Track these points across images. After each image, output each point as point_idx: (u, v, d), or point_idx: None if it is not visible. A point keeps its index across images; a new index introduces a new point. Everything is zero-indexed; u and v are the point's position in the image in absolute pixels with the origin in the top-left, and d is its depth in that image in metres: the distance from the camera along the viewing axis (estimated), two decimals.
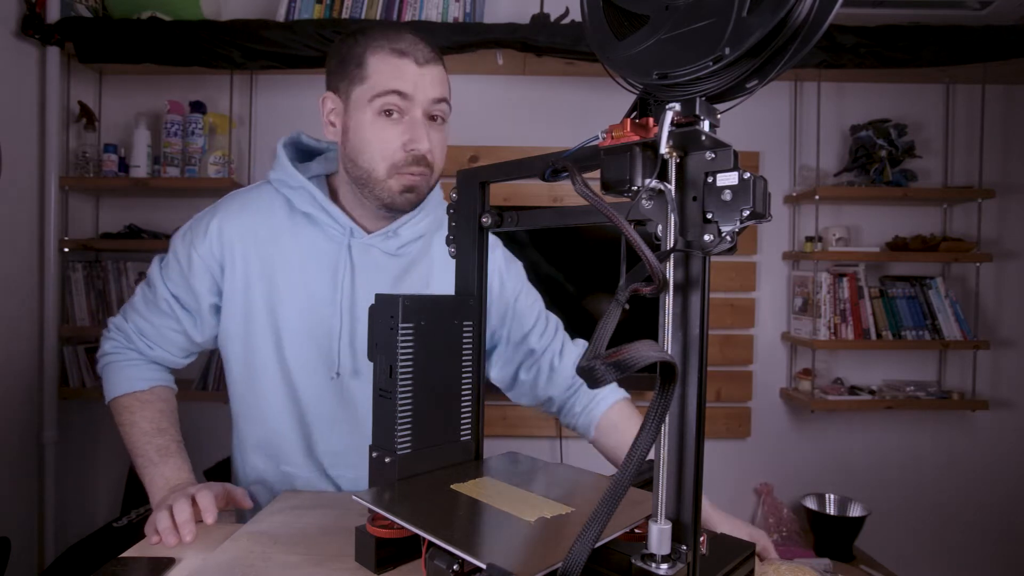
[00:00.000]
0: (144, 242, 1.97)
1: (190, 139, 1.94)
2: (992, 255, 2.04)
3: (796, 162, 2.16)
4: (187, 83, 2.05)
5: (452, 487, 0.64)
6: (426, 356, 0.68)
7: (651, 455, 0.46)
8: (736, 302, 2.14)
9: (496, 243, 1.09)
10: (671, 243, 0.48)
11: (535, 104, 2.13)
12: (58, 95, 1.87)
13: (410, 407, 0.66)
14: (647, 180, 0.48)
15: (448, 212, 0.76)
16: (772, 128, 2.15)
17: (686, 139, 0.48)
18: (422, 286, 0.99)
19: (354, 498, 0.62)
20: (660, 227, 0.49)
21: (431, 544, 0.53)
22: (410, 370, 0.66)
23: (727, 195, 0.46)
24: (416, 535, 0.55)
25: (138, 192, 2.02)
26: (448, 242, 0.77)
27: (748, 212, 0.45)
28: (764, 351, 2.18)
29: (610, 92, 0.64)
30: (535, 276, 1.13)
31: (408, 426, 0.66)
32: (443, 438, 0.71)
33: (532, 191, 2.07)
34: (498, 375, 1.09)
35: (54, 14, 1.82)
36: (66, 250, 1.93)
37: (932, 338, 2.02)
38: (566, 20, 1.86)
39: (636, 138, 0.49)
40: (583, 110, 2.12)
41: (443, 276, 1.00)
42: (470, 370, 0.73)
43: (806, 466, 2.18)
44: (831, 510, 2.01)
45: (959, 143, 2.15)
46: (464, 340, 0.73)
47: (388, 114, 0.89)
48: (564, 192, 2.06)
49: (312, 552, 0.68)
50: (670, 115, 0.48)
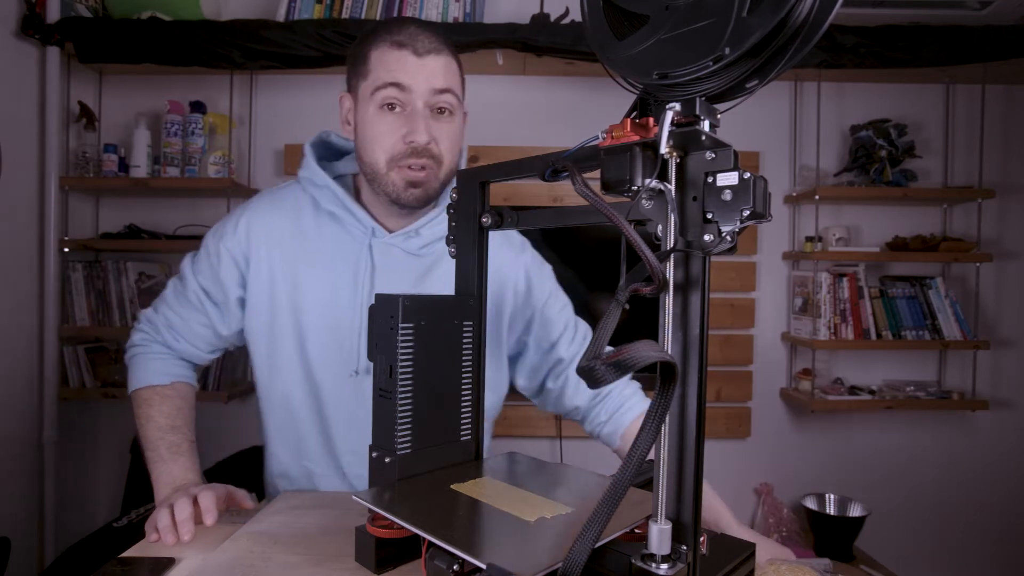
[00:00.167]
0: (144, 242, 1.97)
1: (190, 139, 1.94)
2: (992, 255, 2.04)
3: (796, 162, 2.16)
4: (187, 83, 2.05)
5: (452, 487, 0.64)
6: (426, 356, 0.68)
7: (651, 455, 0.46)
8: (736, 302, 2.14)
9: (525, 244, 1.08)
10: (671, 243, 0.48)
11: (535, 104, 2.13)
12: (58, 95, 1.87)
13: (410, 407, 0.66)
14: (647, 180, 0.48)
15: (448, 212, 0.76)
16: (772, 128, 2.15)
17: (686, 139, 0.48)
18: (443, 287, 0.97)
19: (354, 498, 0.62)
20: (660, 227, 0.49)
21: (431, 544, 0.53)
22: (410, 370, 0.66)
23: (727, 195, 0.46)
24: (416, 535, 0.55)
25: (138, 192, 2.02)
26: (448, 242, 0.77)
27: (748, 212, 0.45)
28: (764, 351, 2.18)
29: (610, 92, 0.64)
30: None
31: (408, 426, 0.66)
32: (443, 438, 0.71)
33: (532, 191, 2.07)
34: (526, 384, 1.07)
35: (54, 14, 1.82)
36: (66, 250, 1.93)
37: (932, 338, 2.02)
38: (566, 20, 1.85)
39: (636, 138, 0.49)
40: (583, 110, 2.12)
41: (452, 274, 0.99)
42: (470, 370, 0.73)
43: (806, 466, 2.18)
44: (831, 510, 2.01)
45: (959, 143, 2.15)
46: (464, 340, 0.73)
47: (391, 108, 0.89)
48: (564, 192, 2.06)
49: (312, 552, 0.68)
50: (670, 115, 0.48)
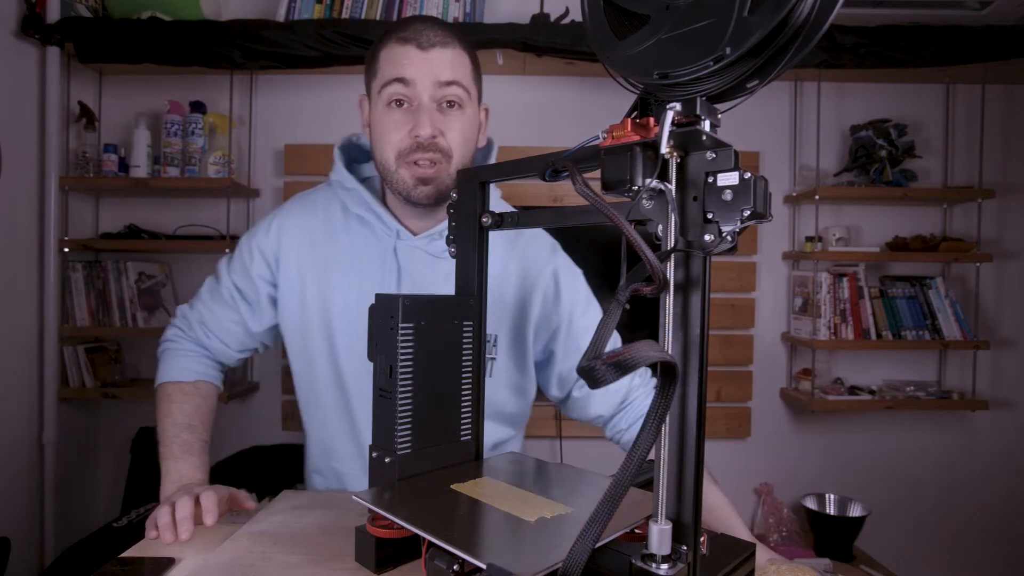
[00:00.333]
0: (144, 242, 1.97)
1: (190, 139, 1.94)
2: (992, 255, 2.04)
3: (796, 162, 2.16)
4: (187, 83, 2.05)
5: (452, 487, 0.64)
6: (426, 356, 0.68)
7: (651, 455, 0.46)
8: (736, 302, 2.14)
9: (556, 247, 1.06)
10: (671, 243, 0.48)
11: (535, 104, 2.13)
12: (58, 95, 1.87)
13: (410, 407, 0.66)
14: (647, 180, 0.48)
15: (448, 212, 0.76)
16: (772, 128, 2.15)
17: (687, 139, 0.48)
18: None
19: (354, 498, 0.62)
20: (660, 227, 0.49)
21: (431, 544, 0.53)
22: (410, 370, 0.66)
23: (728, 195, 0.46)
24: (416, 535, 0.55)
25: (138, 192, 2.02)
26: (448, 242, 0.77)
27: (749, 212, 0.45)
28: (764, 351, 2.17)
29: (610, 92, 0.64)
30: None
31: (408, 426, 0.66)
32: (443, 438, 0.71)
33: (532, 191, 2.07)
34: (557, 393, 1.07)
35: (54, 14, 1.82)
36: (66, 250, 1.92)
37: (932, 338, 2.02)
38: (566, 20, 1.85)
39: (637, 138, 0.49)
40: (583, 110, 2.12)
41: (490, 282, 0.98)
42: (470, 370, 0.73)
43: (806, 466, 2.18)
44: (831, 510, 2.01)
45: (959, 143, 2.15)
46: (464, 340, 0.73)
47: (399, 104, 0.89)
48: (564, 192, 2.06)
49: (312, 552, 0.68)
50: (671, 115, 0.48)
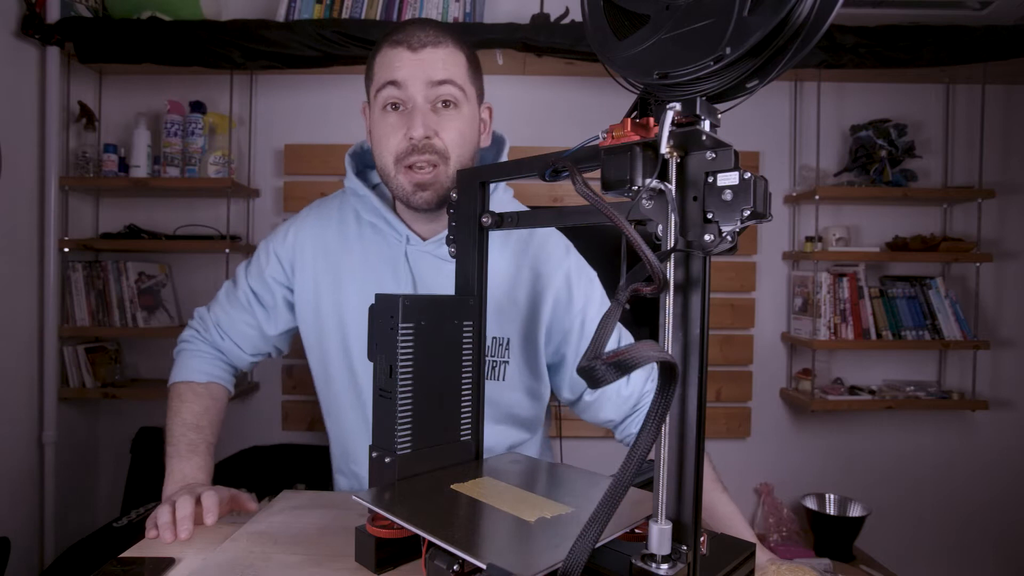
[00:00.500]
0: (144, 242, 1.97)
1: (190, 139, 1.94)
2: (992, 255, 2.03)
3: (796, 162, 2.16)
4: (187, 83, 2.05)
5: (452, 487, 0.64)
6: (426, 356, 0.68)
7: (651, 455, 0.46)
8: (736, 302, 2.14)
9: (570, 248, 1.04)
10: (671, 243, 0.48)
11: (535, 104, 2.13)
12: (58, 95, 1.87)
13: (410, 407, 0.66)
14: (647, 180, 0.48)
15: (448, 212, 0.76)
16: (772, 128, 2.15)
17: (687, 139, 0.48)
18: None
19: (354, 498, 0.62)
20: (660, 227, 0.49)
21: (431, 544, 0.53)
22: (410, 370, 0.66)
23: (728, 195, 0.46)
24: (416, 535, 0.55)
25: (138, 192, 2.02)
26: (448, 242, 0.77)
27: (749, 212, 0.45)
28: (764, 351, 2.17)
29: (610, 92, 0.64)
30: None
31: (408, 426, 0.66)
32: (443, 438, 0.71)
33: (532, 191, 2.07)
34: (569, 396, 1.06)
35: (54, 14, 1.82)
36: (66, 250, 1.92)
37: (932, 338, 2.02)
38: (566, 20, 1.85)
39: (636, 138, 0.49)
40: (583, 110, 2.12)
41: (493, 280, 0.95)
42: (470, 370, 0.73)
43: (806, 466, 2.18)
44: (831, 510, 2.01)
45: (959, 143, 2.15)
46: (464, 340, 0.73)
47: (394, 108, 0.89)
48: (564, 192, 2.06)
49: (312, 552, 0.68)
50: (671, 115, 0.48)
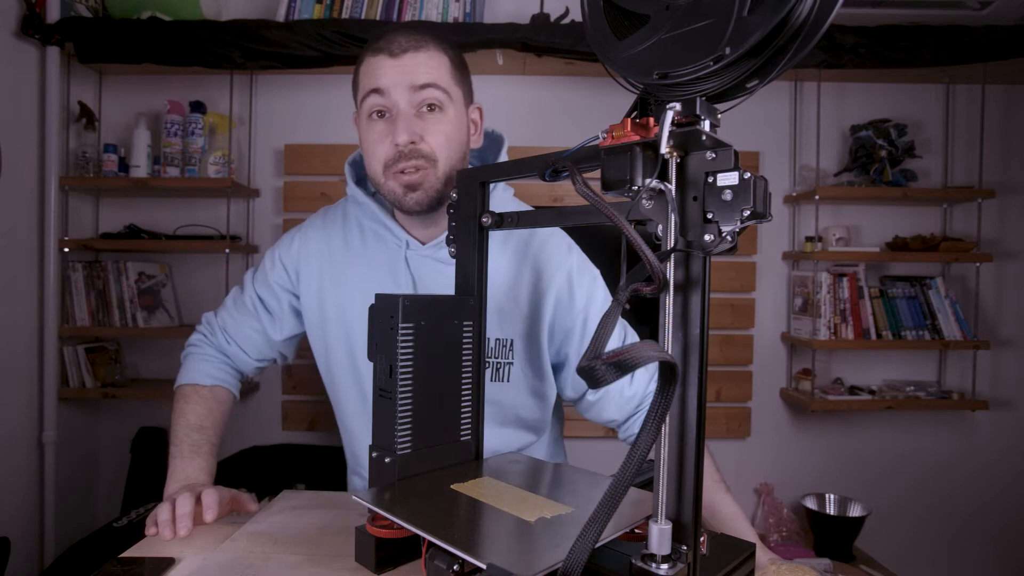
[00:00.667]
0: (144, 242, 1.97)
1: (190, 139, 1.94)
2: (992, 255, 2.03)
3: (796, 162, 2.16)
4: (187, 83, 2.05)
5: (452, 487, 0.64)
6: (426, 356, 0.68)
7: (651, 455, 0.46)
8: (736, 302, 2.14)
9: (572, 246, 1.04)
10: (671, 243, 0.48)
11: (535, 104, 2.13)
12: (58, 95, 1.87)
13: (410, 407, 0.66)
14: (647, 180, 0.48)
15: (448, 212, 0.76)
16: (772, 128, 2.15)
17: (687, 139, 0.48)
18: None
19: (354, 498, 0.62)
20: (660, 227, 0.49)
21: (431, 544, 0.53)
22: (410, 370, 0.66)
23: (728, 195, 0.46)
24: (416, 535, 0.55)
25: (138, 192, 2.02)
26: (448, 242, 0.77)
27: (749, 212, 0.45)
28: (764, 351, 2.17)
29: (610, 92, 0.64)
30: None
31: (408, 426, 0.66)
32: (443, 438, 0.71)
33: (532, 191, 2.07)
34: (572, 395, 1.06)
35: (54, 14, 1.82)
36: (66, 250, 1.92)
37: (932, 338, 2.02)
38: (566, 20, 1.85)
39: (636, 138, 0.49)
40: (583, 110, 2.12)
41: (495, 281, 0.94)
42: (470, 370, 0.73)
43: (806, 466, 2.18)
44: (831, 510, 2.01)
45: (959, 143, 2.15)
46: (464, 340, 0.73)
47: (380, 115, 0.90)
48: (564, 192, 2.06)
49: (312, 552, 0.68)
50: (671, 115, 0.48)
